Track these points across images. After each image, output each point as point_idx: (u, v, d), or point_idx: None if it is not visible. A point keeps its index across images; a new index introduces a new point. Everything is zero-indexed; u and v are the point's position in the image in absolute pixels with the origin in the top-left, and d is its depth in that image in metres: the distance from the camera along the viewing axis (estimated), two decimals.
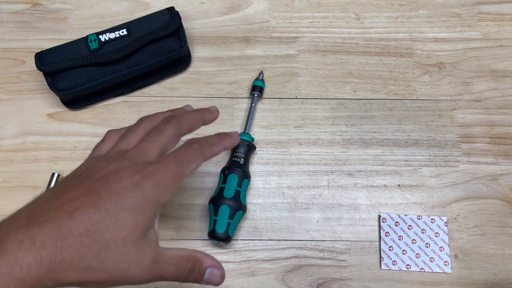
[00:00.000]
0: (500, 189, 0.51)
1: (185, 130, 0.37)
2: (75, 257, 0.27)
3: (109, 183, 0.30)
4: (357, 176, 0.52)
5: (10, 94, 0.55)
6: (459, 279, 0.48)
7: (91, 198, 0.29)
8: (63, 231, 0.27)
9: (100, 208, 0.29)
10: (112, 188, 0.30)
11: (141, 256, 0.30)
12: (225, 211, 0.46)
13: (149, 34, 0.52)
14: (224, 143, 0.37)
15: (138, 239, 0.30)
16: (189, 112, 0.39)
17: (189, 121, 0.37)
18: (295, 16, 0.59)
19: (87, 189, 0.30)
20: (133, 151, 0.34)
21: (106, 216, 0.29)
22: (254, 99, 0.54)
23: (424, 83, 0.56)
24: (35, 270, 0.26)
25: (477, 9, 0.60)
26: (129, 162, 0.32)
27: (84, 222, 0.28)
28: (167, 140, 0.35)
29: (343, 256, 0.49)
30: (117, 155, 0.33)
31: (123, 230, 0.29)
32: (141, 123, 0.37)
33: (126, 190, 0.30)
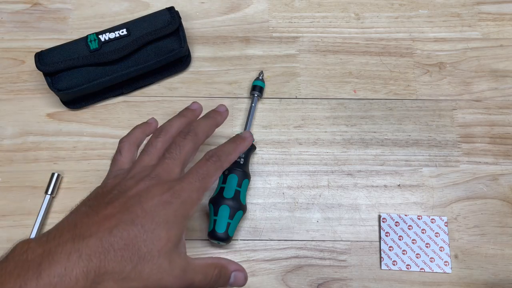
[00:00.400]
0: (501, 189, 0.51)
1: (202, 140, 0.40)
2: (116, 269, 0.30)
3: (143, 201, 0.33)
4: (357, 176, 0.52)
5: (9, 94, 0.55)
6: (459, 279, 0.48)
7: (127, 215, 0.32)
8: (106, 246, 0.30)
9: (137, 224, 0.32)
10: (146, 206, 0.33)
11: (173, 266, 0.34)
12: (225, 211, 0.46)
13: (149, 34, 0.52)
14: (239, 148, 0.41)
15: (171, 251, 0.33)
16: (202, 120, 0.42)
17: (205, 131, 0.40)
18: (295, 16, 0.59)
19: (122, 207, 0.33)
20: (158, 169, 0.36)
21: (143, 232, 0.32)
22: (254, 99, 0.54)
23: (424, 83, 0.56)
24: (82, 281, 0.29)
25: (477, 9, 0.60)
26: (156, 181, 0.35)
27: (123, 238, 0.31)
28: (186, 154, 0.38)
29: (343, 256, 0.49)
30: (144, 173, 0.36)
31: (158, 244, 0.32)
32: (159, 136, 0.40)
33: (158, 208, 0.33)
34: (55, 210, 0.50)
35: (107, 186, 0.36)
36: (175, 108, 0.55)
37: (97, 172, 0.52)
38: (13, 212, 0.50)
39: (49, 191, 0.50)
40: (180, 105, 0.55)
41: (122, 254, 0.31)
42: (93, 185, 0.51)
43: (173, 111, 0.54)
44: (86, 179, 0.52)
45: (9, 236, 0.49)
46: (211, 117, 0.43)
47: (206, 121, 0.42)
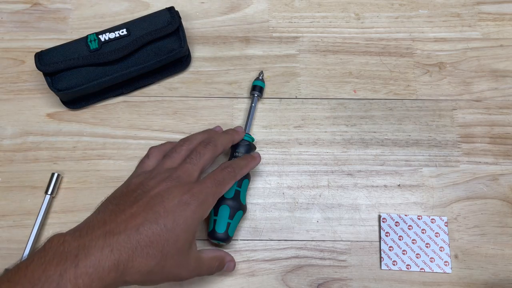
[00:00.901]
0: (501, 189, 0.51)
1: (220, 152, 0.44)
2: (142, 264, 0.34)
3: (165, 201, 0.37)
4: (357, 176, 0.52)
5: (9, 94, 0.55)
6: (459, 279, 0.48)
7: (151, 215, 0.36)
8: (133, 242, 0.34)
9: (160, 224, 0.36)
10: (167, 206, 0.37)
11: (189, 262, 0.38)
12: (225, 211, 0.46)
13: (149, 34, 0.52)
14: (250, 165, 0.46)
15: (187, 249, 0.38)
16: (222, 135, 0.46)
17: (223, 144, 0.45)
18: (295, 16, 0.59)
19: (146, 206, 0.36)
20: (179, 171, 0.40)
21: (165, 231, 0.36)
22: (254, 99, 0.53)
23: (424, 83, 0.56)
24: (113, 272, 0.33)
25: (477, 9, 0.60)
26: (177, 183, 0.39)
27: (148, 236, 0.35)
28: (205, 162, 0.42)
29: (343, 256, 0.49)
30: (165, 174, 0.40)
31: (178, 243, 0.36)
32: (183, 145, 0.43)
33: (179, 208, 0.37)
34: (54, 210, 0.50)
35: (131, 185, 0.39)
36: (175, 108, 0.55)
37: (97, 172, 0.52)
38: (13, 212, 0.50)
39: (49, 191, 0.50)
40: (180, 105, 0.55)
41: (148, 251, 0.34)
42: (93, 185, 0.51)
43: (173, 111, 0.54)
44: (86, 179, 0.52)
45: (9, 236, 0.49)
46: (230, 133, 0.47)
47: (225, 136, 0.46)
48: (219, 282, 0.48)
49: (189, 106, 0.55)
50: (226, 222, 0.46)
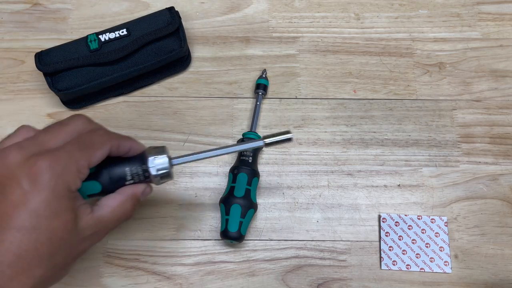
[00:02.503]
0: (500, 189, 0.51)
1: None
2: (23, 282, 0.28)
3: (7, 192, 0.29)
4: (357, 176, 0.52)
5: (10, 94, 0.55)
6: (459, 279, 0.48)
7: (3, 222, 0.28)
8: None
9: (15, 227, 0.28)
10: (14, 198, 0.28)
11: (84, 236, 0.32)
12: (237, 210, 0.46)
13: (149, 34, 0.52)
14: (131, 142, 0.36)
15: (73, 228, 0.30)
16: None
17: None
18: (295, 16, 0.59)
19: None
20: (25, 142, 0.31)
21: (27, 232, 0.28)
22: (259, 97, 0.53)
23: (424, 83, 0.56)
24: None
25: (477, 9, 0.60)
26: (18, 157, 0.29)
27: (9, 250, 0.28)
28: (72, 133, 0.32)
29: (343, 256, 0.49)
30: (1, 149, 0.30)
31: (54, 233, 0.29)
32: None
33: (31, 194, 0.28)
34: None
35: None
36: (175, 108, 0.55)
37: None
38: None
39: (268, 140, 0.40)
40: (180, 105, 0.55)
41: (20, 266, 0.28)
42: None
43: (173, 111, 0.54)
44: None
45: None
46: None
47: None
48: (220, 282, 0.48)
49: (189, 106, 0.55)
50: (238, 221, 0.46)
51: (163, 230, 0.50)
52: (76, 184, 0.31)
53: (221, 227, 0.47)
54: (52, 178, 0.29)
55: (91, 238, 0.33)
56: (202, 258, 0.49)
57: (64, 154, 0.30)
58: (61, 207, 0.29)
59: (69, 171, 0.30)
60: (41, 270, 0.29)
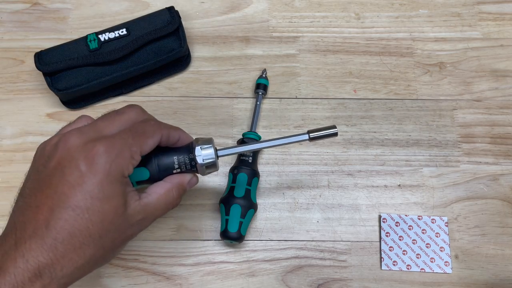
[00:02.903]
0: (501, 189, 0.51)
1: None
2: (74, 260, 0.30)
3: (66, 173, 0.30)
4: (358, 176, 0.52)
5: (9, 94, 0.55)
6: (459, 279, 0.48)
7: (56, 199, 0.30)
8: (49, 242, 0.29)
9: (71, 206, 0.29)
10: (71, 179, 0.30)
11: (132, 222, 0.33)
12: (237, 210, 0.46)
13: (149, 33, 0.52)
14: (180, 132, 0.37)
15: (122, 212, 0.32)
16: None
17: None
18: (295, 15, 0.59)
19: (48, 189, 0.30)
20: (85, 127, 0.33)
21: (81, 212, 0.29)
22: (259, 97, 0.53)
23: (425, 83, 0.56)
24: (38, 282, 0.28)
25: (477, 8, 0.59)
26: (78, 141, 0.31)
27: (63, 228, 0.29)
28: (127, 123, 0.34)
29: (343, 256, 0.49)
30: (61, 134, 0.33)
31: (105, 215, 0.30)
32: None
33: (87, 176, 0.30)
34: None
35: (35, 161, 0.33)
36: (175, 108, 0.54)
37: None
38: None
39: (313, 134, 0.40)
40: (180, 105, 0.55)
41: (72, 244, 0.29)
42: None
43: (173, 111, 0.54)
44: None
45: None
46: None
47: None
48: (219, 282, 0.48)
49: (189, 106, 0.55)
50: (238, 221, 0.46)
51: (163, 230, 0.50)
52: (129, 169, 0.32)
53: (221, 227, 0.47)
54: (107, 162, 0.30)
55: (139, 224, 0.34)
56: (202, 259, 0.49)
57: (119, 141, 0.32)
58: (113, 191, 0.31)
59: (123, 157, 0.31)
60: (91, 250, 0.30)
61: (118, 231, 0.32)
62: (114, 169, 0.31)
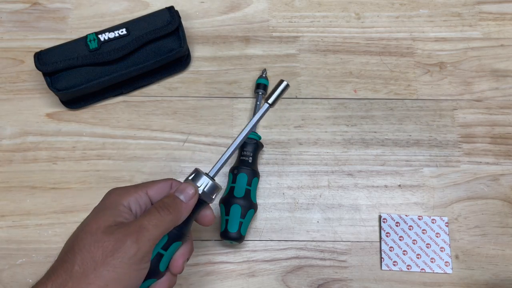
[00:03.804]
0: (501, 189, 0.51)
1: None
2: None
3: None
4: (358, 176, 0.52)
5: (9, 94, 0.55)
6: (460, 279, 0.48)
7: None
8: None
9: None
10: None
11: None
12: (237, 210, 0.46)
13: (149, 33, 0.52)
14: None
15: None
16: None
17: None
18: (295, 15, 0.59)
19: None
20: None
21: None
22: (259, 97, 0.53)
23: (425, 82, 0.56)
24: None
25: (478, 8, 0.59)
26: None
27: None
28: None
29: (344, 256, 0.49)
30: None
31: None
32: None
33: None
34: (54, 211, 0.50)
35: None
36: (175, 108, 0.54)
37: (97, 173, 0.52)
38: (12, 213, 0.50)
39: (270, 99, 0.39)
40: (180, 105, 0.55)
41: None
42: (92, 185, 0.51)
43: (173, 111, 0.54)
44: (86, 179, 0.51)
45: (8, 237, 0.49)
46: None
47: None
48: (219, 283, 0.48)
49: (189, 106, 0.55)
50: (238, 221, 0.46)
51: None
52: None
53: (221, 227, 0.47)
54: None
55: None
56: (202, 259, 0.49)
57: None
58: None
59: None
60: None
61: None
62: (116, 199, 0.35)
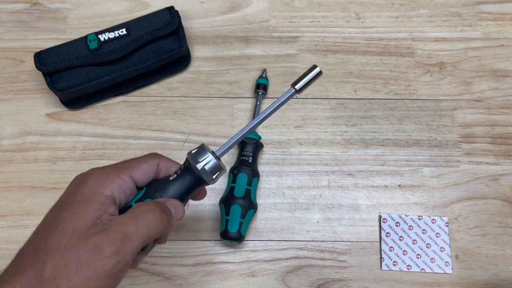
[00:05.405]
0: (501, 189, 0.51)
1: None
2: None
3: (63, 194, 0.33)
4: (358, 176, 0.52)
5: (9, 94, 0.55)
6: (460, 279, 0.48)
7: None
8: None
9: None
10: (61, 199, 0.33)
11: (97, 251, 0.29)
12: (237, 210, 0.46)
13: (149, 33, 0.52)
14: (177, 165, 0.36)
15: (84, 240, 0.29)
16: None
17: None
18: (295, 15, 0.59)
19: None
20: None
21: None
22: (259, 97, 0.53)
23: (425, 83, 0.56)
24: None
25: (477, 8, 0.59)
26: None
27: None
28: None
29: (344, 256, 0.49)
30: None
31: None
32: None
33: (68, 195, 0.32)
34: None
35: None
36: (175, 108, 0.54)
37: None
38: (12, 212, 0.50)
39: (298, 84, 0.34)
40: (179, 105, 0.55)
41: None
42: None
43: (173, 111, 0.54)
44: None
45: (8, 236, 0.49)
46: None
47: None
48: (219, 283, 0.48)
49: (189, 106, 0.55)
50: (238, 221, 0.46)
51: None
52: (111, 188, 0.33)
53: (221, 227, 0.47)
54: (93, 182, 0.33)
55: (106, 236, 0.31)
56: (202, 259, 0.49)
57: (110, 166, 0.34)
58: (86, 205, 0.32)
59: (108, 176, 0.33)
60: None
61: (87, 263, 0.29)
62: (96, 187, 0.31)
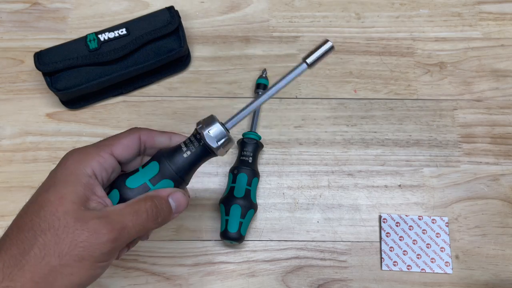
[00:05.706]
0: (501, 189, 0.51)
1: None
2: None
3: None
4: (358, 176, 0.52)
5: (9, 94, 0.55)
6: (460, 279, 0.48)
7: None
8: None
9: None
10: (45, 182, 0.35)
11: (87, 225, 0.29)
12: (237, 210, 0.46)
13: (149, 33, 0.52)
14: (174, 135, 0.38)
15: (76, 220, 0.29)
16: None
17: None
18: (296, 15, 0.59)
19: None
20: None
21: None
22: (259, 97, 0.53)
23: (425, 82, 0.56)
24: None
25: (478, 8, 0.59)
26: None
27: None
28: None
29: (344, 256, 0.49)
30: None
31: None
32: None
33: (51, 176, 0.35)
34: None
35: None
36: (175, 108, 0.54)
37: None
38: (12, 213, 0.50)
39: (310, 58, 0.34)
40: (179, 105, 0.55)
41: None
42: None
43: (173, 111, 0.54)
44: None
45: None
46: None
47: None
48: (219, 283, 0.48)
49: (189, 106, 0.55)
50: (238, 221, 0.46)
51: (163, 230, 0.49)
52: (92, 166, 0.34)
53: (221, 227, 0.47)
54: (73, 162, 0.36)
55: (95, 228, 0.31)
56: (202, 259, 0.49)
57: (91, 145, 0.35)
58: (70, 185, 0.34)
59: (89, 155, 0.34)
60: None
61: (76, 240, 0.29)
62: (76, 167, 0.32)
